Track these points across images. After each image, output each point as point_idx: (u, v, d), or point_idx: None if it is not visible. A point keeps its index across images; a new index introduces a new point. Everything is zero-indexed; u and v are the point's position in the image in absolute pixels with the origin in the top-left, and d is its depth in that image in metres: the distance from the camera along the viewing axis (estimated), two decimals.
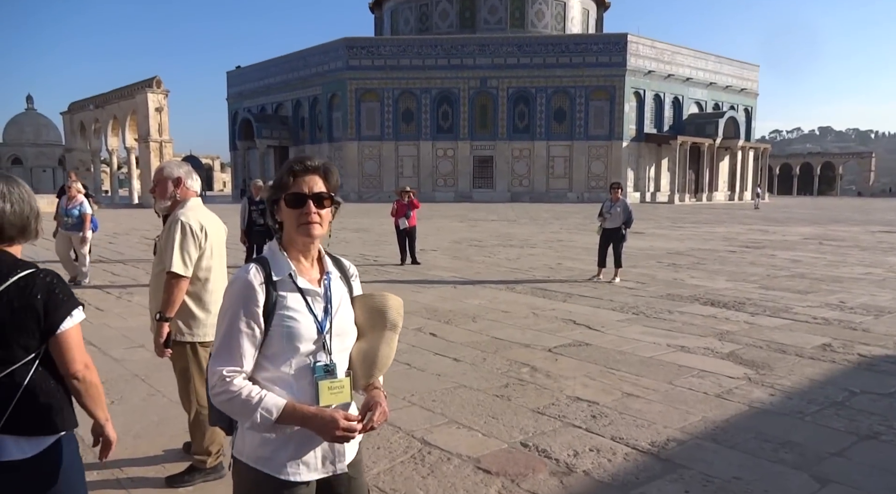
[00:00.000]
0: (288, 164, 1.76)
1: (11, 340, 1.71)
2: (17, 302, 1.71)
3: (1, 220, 1.78)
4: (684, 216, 30.41)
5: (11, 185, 1.84)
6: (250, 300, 1.65)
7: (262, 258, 1.74)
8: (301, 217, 1.71)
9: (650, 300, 8.66)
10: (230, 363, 1.64)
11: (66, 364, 1.79)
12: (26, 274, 1.76)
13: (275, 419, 1.62)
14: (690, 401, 4.63)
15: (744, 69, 57.47)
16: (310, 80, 52.26)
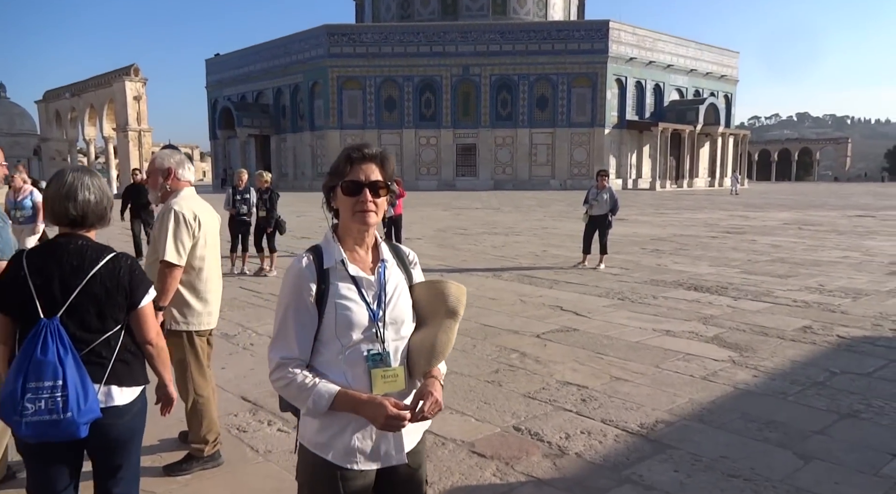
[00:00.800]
0: (345, 151, 1.75)
1: (107, 313, 2.07)
2: (109, 282, 2.06)
3: (86, 209, 2.09)
4: (666, 203, 30.70)
5: (93, 177, 2.15)
6: (303, 288, 1.69)
7: (316, 247, 1.77)
8: (357, 205, 1.71)
9: (635, 286, 8.78)
10: (285, 351, 1.69)
11: (143, 333, 2.18)
12: (113, 257, 2.10)
13: (328, 406, 1.65)
14: (677, 384, 4.74)
15: (724, 56, 57.84)
16: (291, 67, 51.69)
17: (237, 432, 3.86)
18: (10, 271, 2.05)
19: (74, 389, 1.93)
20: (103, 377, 2.06)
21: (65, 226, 2.11)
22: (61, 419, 1.92)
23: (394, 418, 1.64)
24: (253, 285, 9.01)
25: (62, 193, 2.07)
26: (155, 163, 3.35)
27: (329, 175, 1.77)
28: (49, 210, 2.11)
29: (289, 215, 22.52)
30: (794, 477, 3.27)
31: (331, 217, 1.81)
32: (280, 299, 1.74)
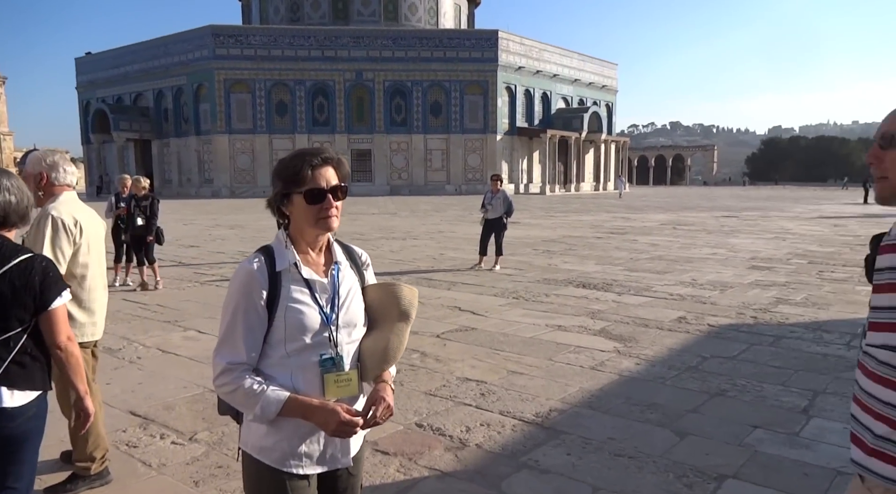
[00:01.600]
0: (301, 157, 1.68)
1: (10, 312, 2.04)
2: (18, 281, 2.04)
3: (8, 209, 2.11)
4: (555, 206, 32.09)
5: (11, 178, 2.17)
6: (253, 291, 1.64)
7: (267, 248, 1.71)
8: (321, 212, 1.67)
9: (528, 285, 9.15)
10: (232, 355, 1.64)
11: (53, 335, 2.13)
12: (27, 257, 2.09)
13: (277, 412, 1.61)
14: (568, 374, 5.02)
15: (604, 67, 61.37)
16: (173, 69, 49.12)
17: (126, 448, 3.66)
18: None
19: None
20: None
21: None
22: None
23: (346, 424, 1.61)
24: (138, 297, 8.52)
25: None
26: (27, 167, 3.13)
27: (281, 182, 1.68)
28: None
29: (174, 222, 21.42)
30: (672, 452, 3.58)
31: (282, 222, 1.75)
32: (227, 300, 1.67)
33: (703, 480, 3.24)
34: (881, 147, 1.43)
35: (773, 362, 5.29)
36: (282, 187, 1.68)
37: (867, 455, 1.39)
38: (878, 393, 1.37)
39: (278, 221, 1.75)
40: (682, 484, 3.20)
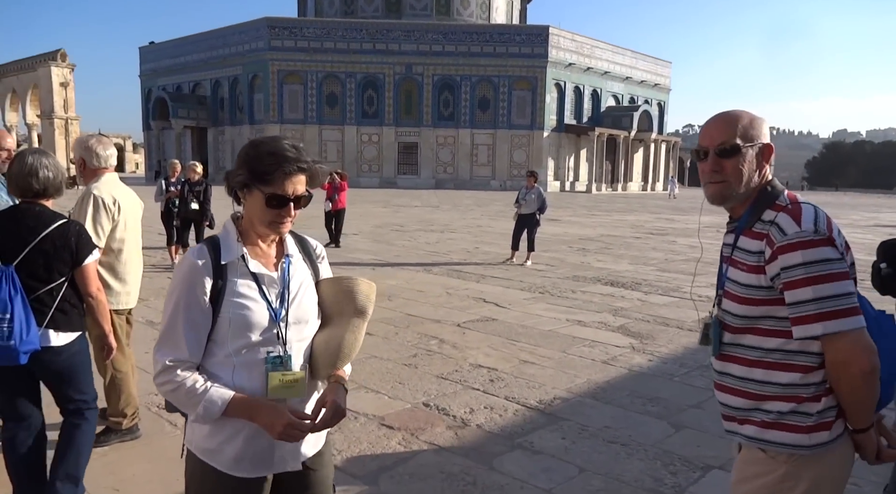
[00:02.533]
0: (278, 159, 1.57)
1: (53, 266, 2.57)
2: (59, 241, 2.57)
3: (47, 184, 2.61)
4: (599, 205, 31.81)
5: (49, 157, 2.65)
6: (196, 285, 1.56)
7: (213, 239, 1.64)
8: (277, 217, 1.61)
9: (557, 281, 9.26)
10: (174, 352, 1.56)
11: (85, 286, 2.69)
12: (64, 222, 2.63)
13: (220, 412, 1.53)
14: (579, 366, 5.16)
15: (657, 65, 60.14)
16: (229, 59, 50.59)
17: (157, 409, 4.01)
18: None
19: (19, 323, 2.42)
20: (44, 322, 2.56)
21: (29, 197, 2.62)
22: (5, 346, 2.41)
23: (292, 426, 1.53)
24: None
25: (25, 171, 2.57)
26: (74, 151, 3.48)
27: (248, 173, 1.58)
28: (15, 185, 2.61)
29: (225, 208, 22.14)
30: (665, 442, 3.70)
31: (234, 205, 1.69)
32: (169, 295, 1.60)
33: (689, 469, 3.36)
34: (718, 155, 1.64)
35: None
36: (246, 176, 1.59)
37: (764, 429, 1.62)
38: (776, 378, 1.60)
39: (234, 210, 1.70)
40: (668, 472, 3.33)
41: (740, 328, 1.64)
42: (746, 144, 1.62)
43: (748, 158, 1.62)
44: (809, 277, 1.49)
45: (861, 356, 1.49)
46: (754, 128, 1.64)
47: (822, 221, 1.54)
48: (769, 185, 1.66)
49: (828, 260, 1.49)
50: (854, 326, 1.49)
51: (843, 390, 1.54)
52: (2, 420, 2.75)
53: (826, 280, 1.48)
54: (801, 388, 1.57)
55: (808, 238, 1.50)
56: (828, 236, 1.52)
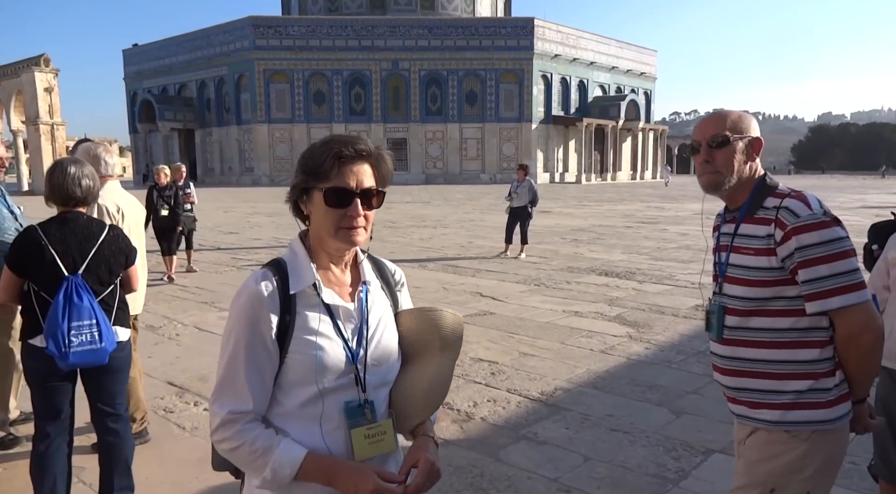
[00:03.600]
0: (330, 144, 1.34)
1: (113, 269, 2.77)
2: (114, 246, 2.76)
3: (88, 193, 2.73)
4: (590, 195, 31.94)
5: (86, 167, 2.77)
6: (260, 320, 1.29)
7: (279, 263, 1.37)
8: (344, 220, 1.33)
9: (551, 273, 9.34)
10: (235, 402, 1.30)
11: (131, 285, 2.94)
12: (110, 226, 2.81)
13: (292, 476, 1.28)
14: (578, 357, 5.23)
15: (643, 54, 60.31)
16: (215, 59, 50.30)
17: (164, 413, 4.05)
18: (26, 241, 2.61)
19: (104, 326, 2.62)
20: (111, 319, 2.75)
21: (69, 206, 2.71)
22: (99, 349, 2.60)
23: (380, 493, 1.25)
24: (179, 280, 9.01)
25: (69, 179, 2.67)
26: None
27: (303, 174, 1.34)
28: (57, 194, 2.68)
29: (215, 210, 22.17)
30: (666, 429, 3.79)
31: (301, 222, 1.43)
32: (227, 333, 1.33)
33: (691, 453, 3.45)
34: (710, 146, 1.77)
35: None
36: (302, 179, 1.35)
37: (786, 411, 1.70)
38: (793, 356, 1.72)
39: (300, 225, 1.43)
40: (671, 457, 3.41)
41: (748, 310, 1.73)
42: (735, 136, 1.75)
43: (738, 150, 1.75)
44: (826, 255, 1.60)
45: (872, 325, 1.61)
46: (743, 122, 1.78)
47: (825, 205, 1.67)
48: (765, 175, 1.78)
49: (840, 239, 1.61)
50: (865, 298, 1.61)
51: (853, 360, 1.66)
52: (35, 419, 2.78)
53: (840, 257, 1.60)
54: (818, 364, 1.68)
55: (821, 219, 1.62)
56: (834, 217, 1.64)
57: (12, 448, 3.60)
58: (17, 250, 2.63)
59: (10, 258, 2.62)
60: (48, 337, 2.53)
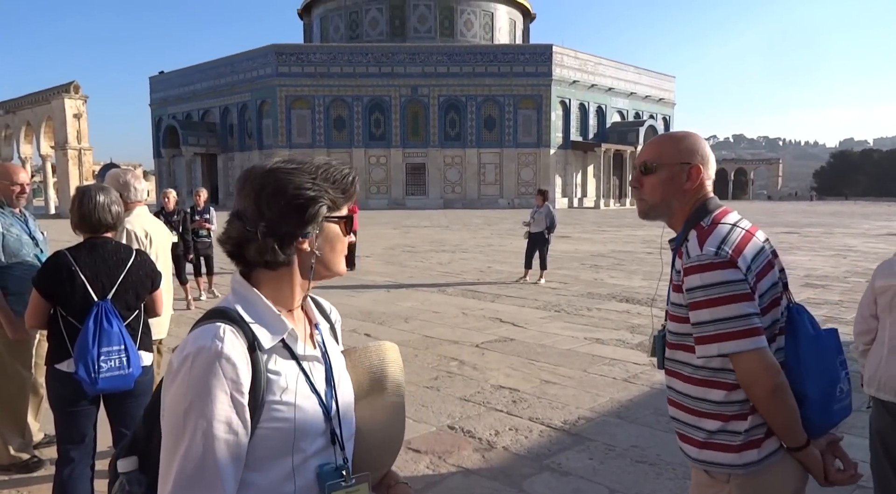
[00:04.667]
0: (335, 171, 1.18)
1: (140, 294, 2.80)
2: (142, 271, 2.79)
3: (116, 219, 2.78)
4: (609, 221, 31.81)
5: (111, 193, 2.81)
6: (234, 386, 1.03)
7: (226, 313, 1.10)
8: (345, 248, 1.22)
9: (572, 299, 9.27)
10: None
11: (156, 309, 2.94)
12: (137, 251, 2.86)
13: None
14: (601, 385, 5.16)
15: (661, 80, 60.48)
16: (238, 86, 51.36)
17: None
18: (57, 266, 2.64)
19: (132, 351, 2.65)
20: (137, 344, 2.79)
21: (99, 232, 2.75)
22: (127, 374, 2.62)
23: None
24: (201, 304, 9.09)
25: (99, 207, 2.71)
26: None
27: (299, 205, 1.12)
28: (87, 222, 2.71)
29: None
30: None
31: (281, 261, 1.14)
32: (179, 412, 1.02)
33: None
34: (641, 172, 1.72)
35: None
36: (326, 207, 1.15)
37: (700, 449, 1.64)
38: (703, 395, 1.61)
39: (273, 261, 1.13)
40: None
41: (673, 343, 1.70)
42: (664, 163, 1.68)
43: (664, 178, 1.68)
44: (707, 299, 1.53)
45: (762, 376, 1.51)
46: (680, 149, 1.69)
47: (731, 243, 1.57)
48: (704, 205, 1.69)
49: (726, 282, 1.52)
50: (750, 347, 1.51)
51: (758, 407, 1.56)
52: (58, 444, 2.80)
53: (723, 302, 1.52)
54: (726, 406, 1.59)
55: (707, 261, 1.54)
56: (730, 258, 1.54)
57: (36, 472, 3.61)
58: (47, 274, 2.66)
59: (39, 283, 2.65)
60: (78, 362, 2.55)
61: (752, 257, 1.58)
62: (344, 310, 8.45)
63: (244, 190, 1.14)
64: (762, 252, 1.61)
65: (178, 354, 1.06)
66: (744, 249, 1.57)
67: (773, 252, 1.68)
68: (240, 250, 1.14)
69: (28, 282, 3.40)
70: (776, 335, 1.60)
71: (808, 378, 1.58)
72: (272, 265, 1.13)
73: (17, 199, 3.59)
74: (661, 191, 1.70)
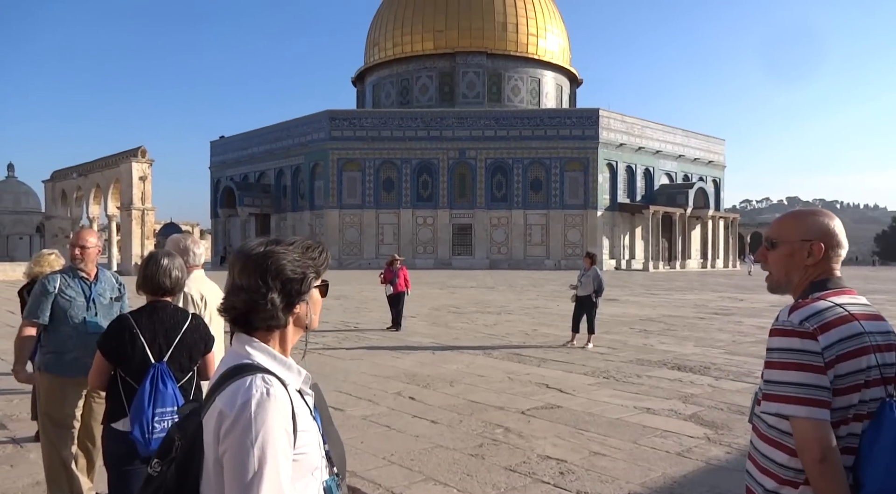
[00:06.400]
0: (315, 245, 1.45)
1: (194, 357, 2.91)
2: (196, 334, 2.91)
3: (176, 284, 2.93)
4: (658, 284, 31.15)
5: (176, 259, 2.97)
6: (287, 424, 1.25)
7: (255, 365, 1.31)
8: (320, 307, 1.49)
9: (620, 365, 9.02)
10: None
11: (208, 372, 2.98)
12: (193, 315, 3.01)
13: None
14: (652, 459, 4.95)
15: (710, 143, 60.13)
16: (293, 149, 53.56)
17: None
18: (120, 329, 2.78)
19: None
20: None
21: (158, 295, 2.89)
22: None
23: None
24: None
25: (161, 271, 2.86)
26: (168, 248, 3.75)
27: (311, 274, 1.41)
28: (148, 284, 2.86)
29: None
30: None
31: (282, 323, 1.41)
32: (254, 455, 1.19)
33: None
34: (766, 248, 1.82)
35: None
36: (313, 277, 1.41)
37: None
38: (768, 453, 1.66)
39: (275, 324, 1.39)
40: None
41: (760, 398, 1.75)
42: (786, 240, 1.78)
43: (785, 253, 1.78)
44: (780, 361, 1.63)
45: (813, 445, 1.56)
46: (804, 227, 1.78)
47: (820, 319, 1.62)
48: (823, 281, 1.75)
49: (801, 351, 1.60)
50: (807, 414, 1.57)
51: (808, 474, 1.60)
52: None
53: (793, 368, 1.60)
54: (785, 469, 1.64)
55: (789, 328, 1.63)
56: (811, 330, 1.60)
57: None
58: (111, 337, 2.79)
59: (103, 345, 2.78)
60: (133, 422, 2.63)
61: (839, 337, 1.61)
62: (389, 372, 8.44)
63: (247, 269, 1.36)
64: (856, 337, 1.63)
65: (227, 404, 1.23)
66: (832, 328, 1.62)
67: (883, 344, 1.66)
68: (245, 318, 1.36)
69: (69, 342, 3.62)
70: (850, 419, 1.62)
71: (869, 468, 1.57)
72: (272, 328, 1.37)
73: (76, 260, 3.78)
74: (783, 266, 1.80)
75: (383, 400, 6.82)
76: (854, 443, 1.61)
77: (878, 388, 1.63)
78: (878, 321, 1.69)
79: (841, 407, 1.60)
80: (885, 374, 1.64)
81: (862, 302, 1.72)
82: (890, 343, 1.67)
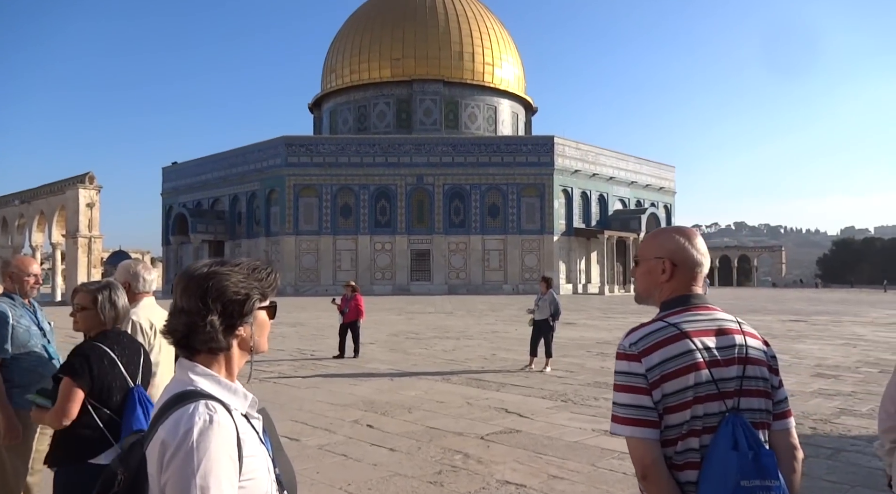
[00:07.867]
0: (262, 266, 1.42)
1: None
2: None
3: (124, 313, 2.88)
4: (614, 307, 31.65)
5: (120, 289, 2.86)
6: (232, 450, 1.21)
7: (198, 391, 1.26)
8: (268, 330, 1.45)
9: (578, 388, 9.08)
10: None
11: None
12: (140, 343, 2.94)
13: None
14: (610, 481, 4.97)
15: (661, 169, 62.07)
16: (248, 175, 52.89)
17: None
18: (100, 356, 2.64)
19: None
20: None
21: (109, 326, 2.79)
22: None
23: None
24: None
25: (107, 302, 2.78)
26: (117, 275, 3.62)
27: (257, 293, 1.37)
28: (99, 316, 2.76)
29: None
30: None
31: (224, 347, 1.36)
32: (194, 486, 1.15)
33: None
34: (634, 264, 1.93)
35: (828, 476, 5.08)
36: (258, 299, 1.38)
37: None
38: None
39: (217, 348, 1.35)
40: None
41: None
42: (645, 257, 1.86)
43: (643, 270, 1.86)
44: (615, 383, 1.71)
45: (636, 463, 1.65)
46: (656, 245, 1.85)
47: (649, 340, 1.67)
48: (678, 298, 1.79)
49: (626, 373, 1.67)
50: (631, 434, 1.64)
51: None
52: None
53: (623, 390, 1.67)
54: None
55: (622, 352, 1.70)
56: (636, 354, 1.66)
57: None
58: (91, 365, 2.58)
59: (79, 374, 2.54)
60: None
61: (662, 359, 1.64)
62: (346, 400, 8.29)
63: (188, 290, 1.32)
64: (683, 355, 1.64)
65: (169, 434, 1.19)
66: (657, 349, 1.65)
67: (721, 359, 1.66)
68: (187, 340, 1.32)
69: (34, 374, 3.39)
70: (685, 435, 1.63)
71: (703, 482, 1.60)
72: (215, 351, 1.33)
73: (31, 290, 3.63)
74: (643, 282, 1.87)
75: (340, 429, 6.68)
76: (695, 458, 1.61)
77: (717, 403, 1.63)
78: (725, 335, 1.69)
79: (675, 424, 1.62)
80: (722, 389, 1.63)
81: (714, 318, 1.73)
82: (731, 358, 1.66)
